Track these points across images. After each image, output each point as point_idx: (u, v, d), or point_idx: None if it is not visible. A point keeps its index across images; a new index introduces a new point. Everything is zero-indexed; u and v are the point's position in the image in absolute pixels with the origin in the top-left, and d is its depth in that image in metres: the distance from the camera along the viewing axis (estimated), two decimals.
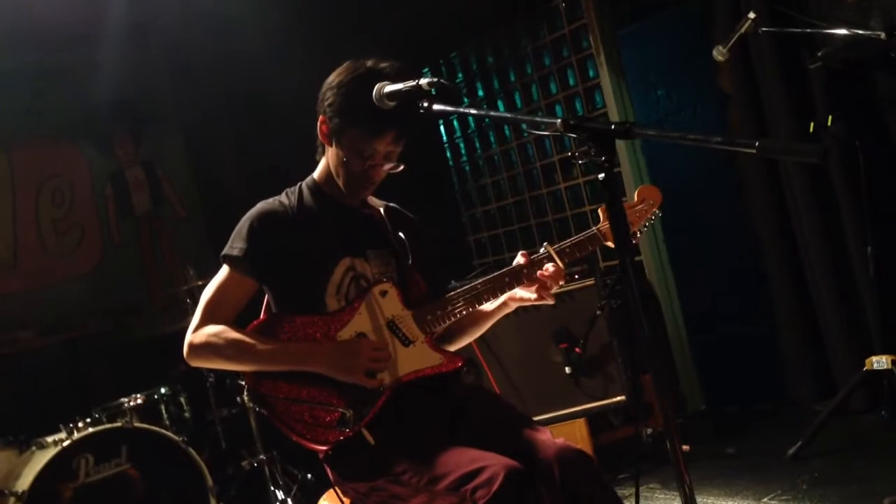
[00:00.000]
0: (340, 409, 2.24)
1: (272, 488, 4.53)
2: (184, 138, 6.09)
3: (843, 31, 3.25)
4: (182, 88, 5.88)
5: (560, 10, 5.10)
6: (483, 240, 6.02)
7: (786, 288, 4.23)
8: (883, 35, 3.04)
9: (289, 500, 4.46)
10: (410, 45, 5.49)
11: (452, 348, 2.56)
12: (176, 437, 4.13)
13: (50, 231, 5.58)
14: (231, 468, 4.82)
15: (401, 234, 2.53)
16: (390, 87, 2.26)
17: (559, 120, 1.79)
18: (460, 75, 5.93)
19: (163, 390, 4.57)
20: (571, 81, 5.19)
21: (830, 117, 3.65)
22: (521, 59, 5.46)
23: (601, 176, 1.73)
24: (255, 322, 2.37)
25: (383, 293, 2.39)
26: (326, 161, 2.46)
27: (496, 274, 2.40)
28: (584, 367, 4.23)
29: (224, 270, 2.39)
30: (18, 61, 5.30)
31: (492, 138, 5.80)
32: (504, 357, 4.29)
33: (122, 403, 4.35)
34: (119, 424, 4.05)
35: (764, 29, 3.53)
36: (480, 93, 5.81)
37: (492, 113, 2.11)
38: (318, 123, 2.42)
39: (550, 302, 2.40)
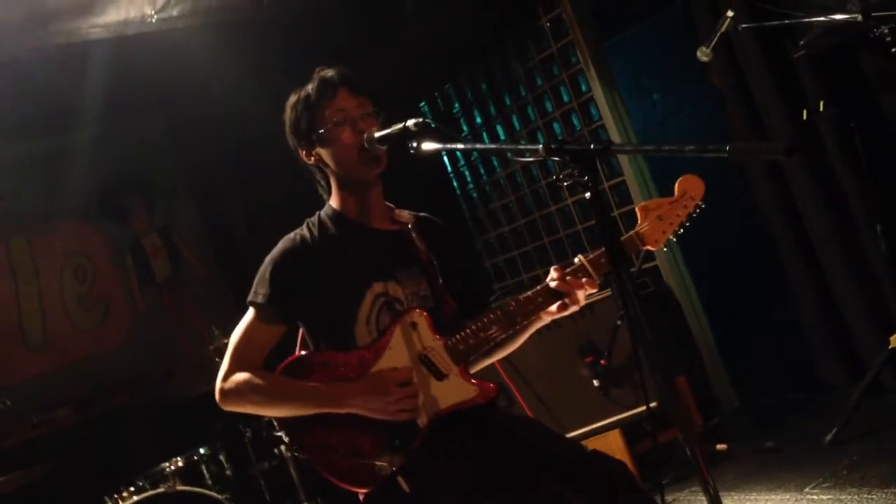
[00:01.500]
0: (375, 462, 2.24)
1: None
2: (193, 199, 6.21)
3: (820, 18, 3.29)
4: (186, 151, 6.01)
5: (545, 30, 5.18)
6: (499, 263, 6.07)
7: (802, 276, 4.23)
8: (860, 17, 3.07)
9: None
10: (404, 81, 5.58)
11: (484, 364, 2.54)
12: (219, 496, 4.17)
13: (76, 307, 5.69)
14: None
15: (431, 248, 2.48)
16: (379, 133, 2.32)
17: (541, 146, 1.84)
18: (457, 105, 6.02)
19: (202, 451, 4.61)
20: (566, 98, 5.25)
21: (822, 102, 3.67)
22: (514, 81, 5.54)
23: (587, 195, 1.77)
24: (285, 361, 2.37)
25: (413, 325, 2.35)
26: (334, 184, 2.46)
27: (528, 293, 2.34)
28: (612, 378, 4.24)
29: (250, 314, 2.39)
30: (31, 145, 5.45)
31: (495, 163, 5.87)
32: (531, 377, 4.31)
33: (164, 468, 4.40)
34: (162, 490, 4.11)
35: (744, 25, 3.58)
36: (478, 120, 5.89)
37: (478, 146, 2.13)
38: (301, 158, 2.47)
39: (576, 309, 2.33)
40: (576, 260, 2.33)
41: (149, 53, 4.44)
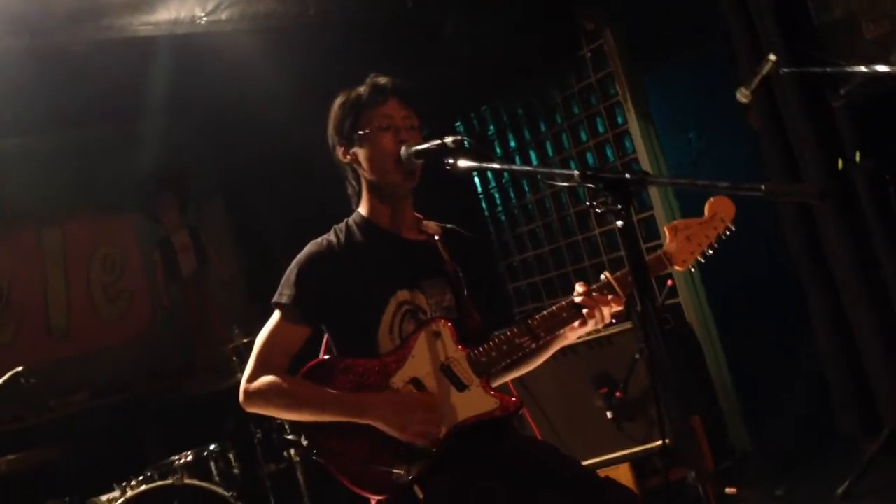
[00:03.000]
0: (394, 470, 2.25)
1: None
2: (224, 201, 6.29)
3: (862, 69, 3.28)
4: (223, 154, 6.08)
5: (586, 60, 5.21)
6: (522, 288, 6.07)
7: (826, 325, 4.18)
8: None
9: None
10: (442, 100, 5.62)
11: (505, 379, 2.54)
12: (225, 493, 4.20)
13: (101, 297, 5.77)
14: None
15: (457, 260, 2.50)
16: (417, 147, 2.35)
17: (576, 172, 1.86)
18: (492, 127, 6.06)
19: (212, 447, 4.64)
20: (601, 129, 5.28)
21: (858, 153, 3.66)
22: (551, 109, 5.57)
23: (619, 223, 1.78)
24: (309, 364, 2.39)
25: (436, 334, 2.36)
26: (365, 189, 2.48)
27: (553, 309, 2.35)
28: (625, 412, 4.23)
29: (275, 317, 2.42)
30: (66, 137, 5.54)
31: (525, 187, 5.89)
32: (545, 402, 4.31)
33: (173, 461, 4.44)
34: (170, 482, 4.14)
35: (785, 70, 3.58)
36: (512, 143, 5.92)
37: (514, 167, 2.13)
38: (338, 156, 2.49)
39: (599, 325, 2.32)
40: (602, 277, 2.34)
41: (195, 54, 4.51)
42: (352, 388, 2.34)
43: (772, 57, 3.53)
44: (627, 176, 1.78)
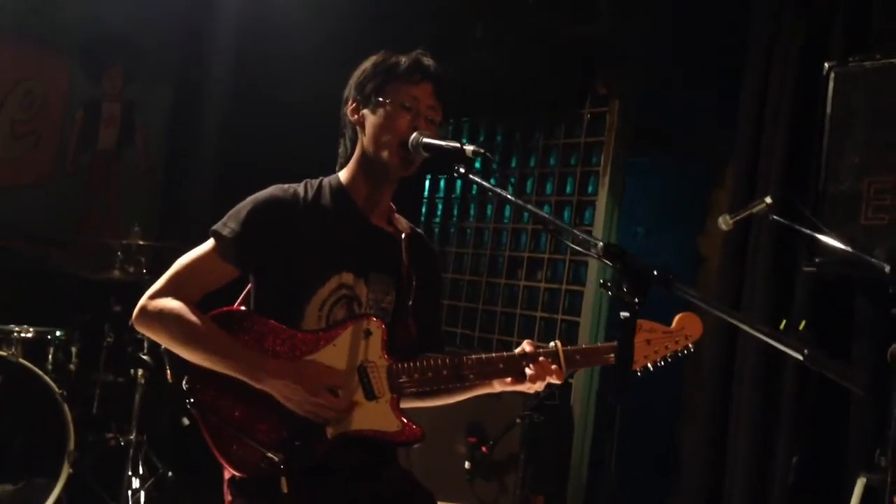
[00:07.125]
0: (268, 453, 2.06)
1: (129, 473, 4.26)
2: (174, 94, 5.87)
3: (847, 248, 3.27)
4: (193, 46, 5.69)
5: (583, 120, 5.13)
6: None
7: (700, 469, 4.14)
8: (888, 268, 3.06)
9: (142, 491, 4.21)
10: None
11: (412, 405, 2.39)
12: (56, 389, 3.86)
13: (6, 131, 5.27)
14: (93, 436, 4.52)
15: (415, 266, 2.35)
16: (428, 139, 2.20)
17: (601, 243, 1.72)
18: (465, 140, 5.88)
19: (58, 333, 4.30)
20: (569, 189, 5.20)
21: (804, 323, 3.66)
22: (529, 149, 5.46)
23: (625, 314, 1.65)
24: (222, 309, 2.19)
25: (367, 333, 2.19)
26: (356, 157, 2.31)
27: (491, 356, 2.25)
28: (484, 469, 4.14)
29: (208, 244, 2.21)
30: None
31: (472, 211, 5.75)
32: None
33: (12, 330, 4.08)
34: (4, 354, 3.78)
35: (774, 217, 3.55)
36: (477, 164, 5.76)
37: (529, 207, 1.97)
38: (346, 110, 2.32)
39: (530, 391, 2.25)
40: (551, 345, 2.26)
41: None
42: (258, 350, 2.14)
43: (768, 200, 3.50)
44: (654, 272, 1.65)
